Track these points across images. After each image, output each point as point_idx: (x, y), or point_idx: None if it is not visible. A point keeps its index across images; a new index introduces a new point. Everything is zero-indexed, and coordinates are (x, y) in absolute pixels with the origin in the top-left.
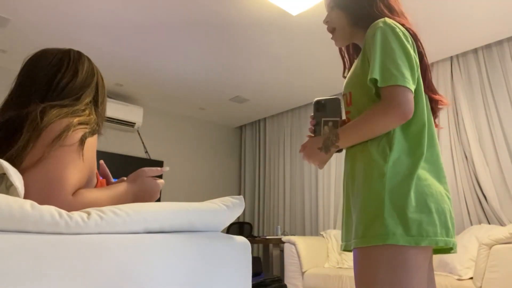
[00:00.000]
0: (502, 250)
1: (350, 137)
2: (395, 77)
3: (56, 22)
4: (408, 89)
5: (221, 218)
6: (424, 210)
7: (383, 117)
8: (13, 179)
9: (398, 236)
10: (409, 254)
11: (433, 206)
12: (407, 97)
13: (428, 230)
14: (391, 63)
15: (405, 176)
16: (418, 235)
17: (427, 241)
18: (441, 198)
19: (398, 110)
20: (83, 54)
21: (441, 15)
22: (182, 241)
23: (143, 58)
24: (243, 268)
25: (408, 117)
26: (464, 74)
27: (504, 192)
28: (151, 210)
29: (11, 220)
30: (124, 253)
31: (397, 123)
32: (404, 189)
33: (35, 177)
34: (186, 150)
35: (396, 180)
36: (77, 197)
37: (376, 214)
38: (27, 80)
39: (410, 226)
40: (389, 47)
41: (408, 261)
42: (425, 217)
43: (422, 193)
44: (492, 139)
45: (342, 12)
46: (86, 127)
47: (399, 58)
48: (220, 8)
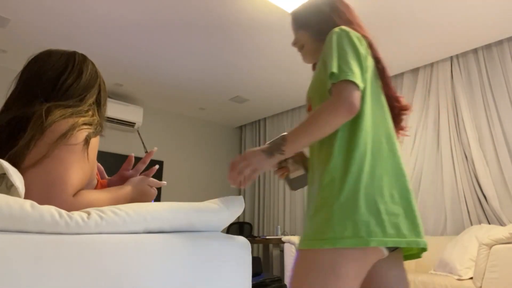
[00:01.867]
0: (502, 250)
1: (299, 138)
2: (345, 73)
3: (56, 22)
4: (355, 85)
5: (221, 218)
6: (373, 209)
7: (329, 113)
8: (14, 179)
9: (347, 239)
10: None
11: (382, 207)
12: (353, 92)
13: (376, 231)
14: (343, 62)
15: (354, 179)
16: (367, 236)
17: (375, 242)
18: (391, 199)
19: (344, 104)
20: (87, 57)
21: (441, 15)
22: (182, 241)
23: (143, 58)
24: (243, 268)
25: (354, 111)
26: (464, 74)
27: (504, 192)
28: (151, 210)
29: (11, 220)
30: (124, 253)
31: (344, 117)
32: (353, 192)
33: (37, 176)
34: (186, 150)
35: (345, 183)
36: (78, 198)
37: (325, 218)
38: (32, 79)
39: (359, 228)
40: (343, 48)
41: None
42: (373, 219)
43: (371, 194)
44: (492, 139)
45: (305, 32)
46: (90, 128)
47: (351, 58)
48: (220, 8)
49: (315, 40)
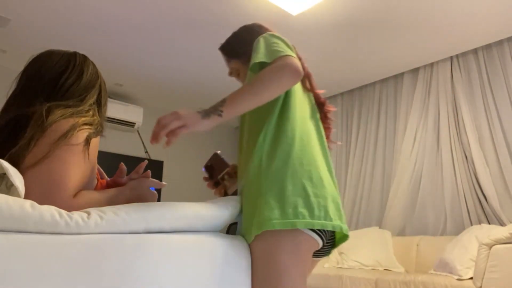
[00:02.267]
0: (502, 250)
1: (241, 98)
2: (279, 52)
3: (56, 22)
4: (293, 58)
5: (221, 218)
6: (301, 193)
7: (276, 74)
8: (13, 179)
9: (274, 221)
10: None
11: (311, 189)
12: (294, 60)
13: (304, 212)
14: (276, 47)
15: (282, 163)
16: (294, 218)
17: (302, 223)
18: (319, 181)
19: (290, 67)
20: (88, 58)
21: (441, 15)
22: (182, 241)
23: (143, 58)
24: (243, 268)
25: (300, 75)
26: (464, 74)
27: (504, 192)
28: (151, 210)
29: (11, 220)
30: (124, 253)
31: (291, 80)
32: (280, 175)
33: (37, 176)
34: (186, 150)
35: (273, 167)
36: (78, 198)
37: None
38: (32, 79)
39: (286, 210)
40: (271, 40)
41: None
42: (301, 200)
43: (299, 178)
44: (492, 139)
45: (237, 60)
46: (91, 128)
47: (282, 44)
48: (220, 8)
49: (246, 63)
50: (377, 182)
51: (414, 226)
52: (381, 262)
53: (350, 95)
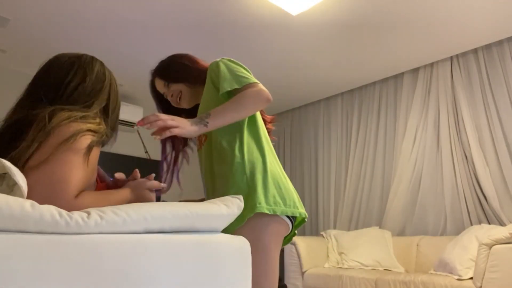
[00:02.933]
0: (502, 250)
1: (223, 113)
2: (247, 79)
3: (56, 22)
4: (260, 84)
5: (221, 218)
6: (277, 186)
7: (254, 97)
8: (17, 179)
9: (263, 205)
10: (267, 221)
11: (282, 184)
12: (263, 87)
13: (280, 201)
14: (240, 73)
15: (260, 163)
16: (274, 206)
17: (280, 210)
18: (285, 179)
19: (265, 93)
20: (96, 59)
21: (441, 15)
22: (182, 241)
23: (143, 58)
24: (243, 268)
25: (271, 100)
26: (464, 74)
27: (504, 192)
28: (151, 210)
29: (11, 220)
30: (124, 253)
31: (264, 103)
32: (262, 175)
33: (39, 177)
34: None
35: (253, 166)
36: (80, 199)
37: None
38: (37, 83)
39: (269, 199)
40: (232, 66)
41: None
42: (278, 192)
43: (274, 174)
44: (492, 139)
45: (180, 84)
46: (94, 135)
47: (243, 70)
48: (220, 8)
49: (192, 87)
50: (377, 182)
51: (414, 226)
52: (381, 262)
53: (350, 95)
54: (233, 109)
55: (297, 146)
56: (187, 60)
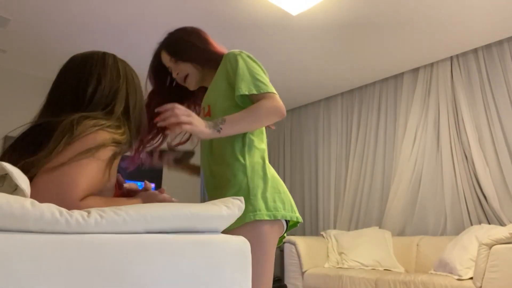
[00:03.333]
0: (502, 250)
1: (238, 122)
2: (268, 87)
3: (56, 22)
4: (277, 95)
5: (222, 219)
6: (276, 190)
7: (270, 110)
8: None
9: (263, 212)
10: (267, 228)
11: (281, 188)
12: (281, 101)
13: (280, 206)
14: (260, 77)
15: (260, 166)
16: (274, 210)
17: (280, 215)
18: (282, 183)
19: (281, 109)
20: (108, 55)
21: (441, 15)
22: (182, 241)
23: (143, 58)
24: (243, 268)
25: (284, 116)
26: (464, 74)
27: (504, 192)
28: (151, 210)
29: (12, 219)
30: (124, 253)
31: (278, 118)
32: (260, 176)
33: (50, 178)
34: None
35: (253, 169)
36: (84, 202)
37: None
38: (55, 91)
39: (269, 204)
40: (252, 66)
41: (268, 234)
42: (278, 196)
43: (274, 178)
44: (492, 139)
45: (188, 63)
46: (118, 146)
47: (262, 74)
48: (220, 9)
49: (199, 69)
50: (377, 182)
51: (414, 226)
52: (381, 262)
53: (350, 95)
54: (249, 121)
55: (297, 146)
56: (198, 39)
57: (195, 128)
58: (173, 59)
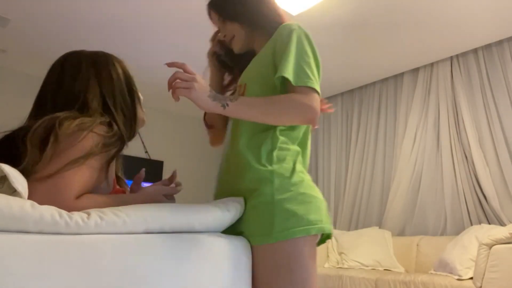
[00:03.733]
0: (502, 250)
1: (250, 106)
2: (311, 80)
3: (56, 22)
4: (319, 97)
5: (222, 219)
6: (309, 200)
7: (296, 111)
8: (16, 185)
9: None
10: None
11: (316, 195)
12: (318, 106)
13: (316, 217)
14: (307, 66)
15: (289, 172)
16: (308, 224)
17: (316, 229)
18: (316, 188)
19: (310, 113)
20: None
21: (441, 15)
22: (182, 241)
23: (143, 57)
24: (243, 268)
25: (314, 123)
26: (464, 74)
27: (504, 192)
28: (151, 210)
29: (11, 220)
30: (124, 253)
31: (302, 122)
32: (289, 185)
33: (43, 186)
34: (186, 150)
35: (282, 177)
36: (81, 200)
37: (267, 212)
38: (39, 92)
39: (304, 217)
40: (304, 50)
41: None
42: (312, 206)
43: (306, 185)
44: (492, 139)
45: (236, 23)
46: (109, 150)
47: (312, 63)
48: None
49: (248, 31)
50: (377, 182)
51: (414, 226)
52: (381, 262)
53: (350, 95)
54: (262, 112)
55: None
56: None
57: (193, 93)
58: (221, 18)
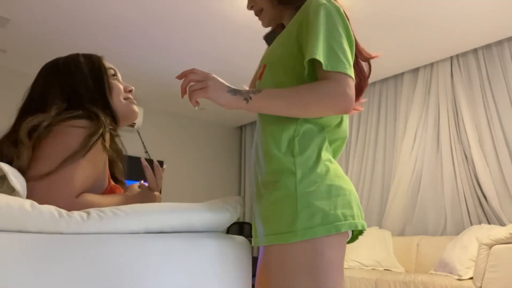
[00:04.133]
0: (502, 250)
1: (274, 98)
2: (343, 64)
3: (56, 22)
4: (353, 82)
5: (222, 219)
6: (337, 193)
7: (327, 101)
8: (14, 184)
9: (317, 229)
10: (328, 245)
11: (345, 187)
12: (353, 92)
13: (346, 212)
14: (338, 48)
15: (313, 162)
16: (335, 221)
17: (347, 225)
18: (345, 178)
19: (344, 103)
20: (61, 57)
21: (441, 15)
22: (182, 241)
23: (143, 57)
24: (244, 268)
25: (347, 113)
26: (464, 74)
27: (504, 192)
28: (151, 210)
29: (11, 220)
30: (124, 253)
31: (334, 113)
32: (314, 176)
33: (43, 178)
34: (186, 150)
35: (305, 168)
36: (80, 199)
37: (288, 208)
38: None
39: (330, 212)
40: (335, 29)
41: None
42: (340, 200)
43: (334, 175)
44: (492, 139)
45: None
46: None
47: (345, 43)
48: (220, 8)
49: (275, 4)
50: (377, 182)
51: (414, 226)
52: (381, 262)
53: None
54: (289, 104)
55: None
56: None
57: (210, 93)
58: None
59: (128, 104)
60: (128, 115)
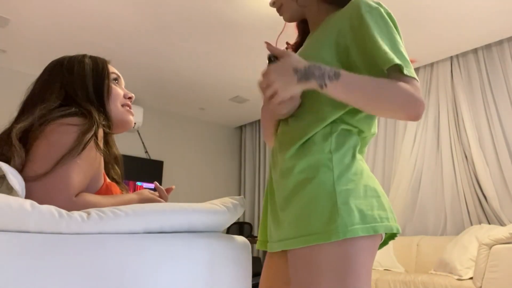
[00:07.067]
0: (502, 250)
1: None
2: (412, 70)
3: (56, 22)
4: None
5: (222, 219)
6: (374, 194)
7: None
8: (13, 184)
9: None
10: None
11: (378, 189)
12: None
13: (381, 214)
14: (405, 52)
15: (349, 159)
16: (373, 222)
17: (383, 227)
18: (376, 180)
19: (419, 108)
20: (61, 58)
21: (441, 15)
22: (182, 241)
23: (143, 58)
24: (243, 268)
25: (415, 120)
26: (464, 74)
27: (504, 192)
28: (151, 210)
29: (11, 220)
30: (124, 253)
31: (406, 117)
32: (350, 174)
33: (41, 177)
34: (186, 150)
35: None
36: (79, 199)
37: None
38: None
39: (366, 213)
40: (393, 33)
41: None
42: (376, 201)
43: (368, 176)
44: (492, 139)
45: None
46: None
47: (403, 49)
48: (220, 8)
49: (298, 1)
50: None
51: (414, 226)
52: (381, 262)
53: None
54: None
55: None
56: None
57: (282, 95)
58: None
59: (124, 112)
60: (122, 123)
